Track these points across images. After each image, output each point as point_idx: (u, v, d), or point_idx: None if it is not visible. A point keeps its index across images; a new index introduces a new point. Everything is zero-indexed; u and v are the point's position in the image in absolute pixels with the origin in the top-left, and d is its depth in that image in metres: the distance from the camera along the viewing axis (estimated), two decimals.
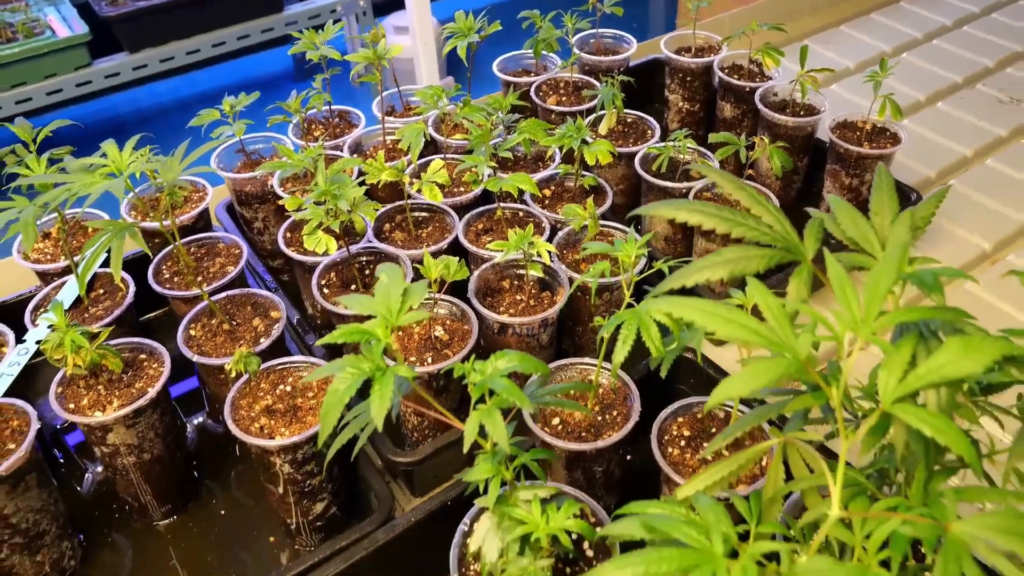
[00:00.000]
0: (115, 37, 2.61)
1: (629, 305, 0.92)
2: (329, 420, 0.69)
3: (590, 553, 0.85)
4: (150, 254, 1.08)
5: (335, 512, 1.08)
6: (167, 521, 1.14)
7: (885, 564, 0.56)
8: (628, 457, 1.11)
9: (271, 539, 1.11)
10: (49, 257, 1.26)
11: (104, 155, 0.98)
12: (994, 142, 1.81)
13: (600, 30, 1.73)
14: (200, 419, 1.26)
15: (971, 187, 1.68)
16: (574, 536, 0.78)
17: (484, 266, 1.18)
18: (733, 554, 0.55)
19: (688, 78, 1.70)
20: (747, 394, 0.56)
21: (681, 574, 0.52)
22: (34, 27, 2.51)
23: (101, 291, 1.21)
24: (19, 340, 1.11)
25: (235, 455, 1.22)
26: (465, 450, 0.71)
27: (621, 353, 0.82)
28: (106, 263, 0.97)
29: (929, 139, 1.82)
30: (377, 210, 1.15)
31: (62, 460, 1.19)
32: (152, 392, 1.02)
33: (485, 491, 0.74)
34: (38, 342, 1.09)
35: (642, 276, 1.02)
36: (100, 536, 1.13)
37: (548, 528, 0.72)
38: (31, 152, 1.13)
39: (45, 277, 1.25)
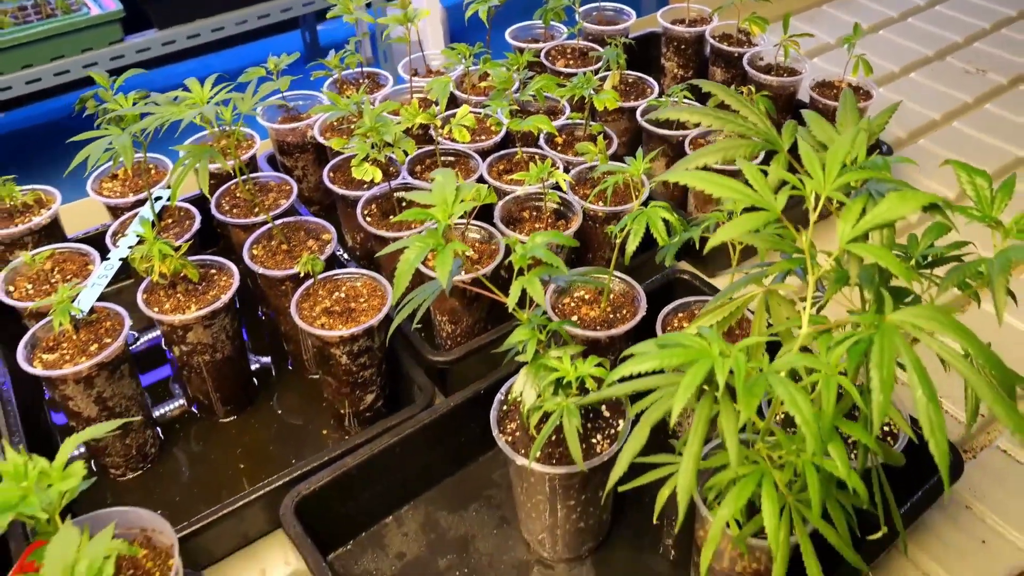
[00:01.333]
0: (146, 15, 2.78)
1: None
2: (402, 281, 0.87)
3: (607, 413, 1.02)
4: (209, 195, 1.23)
5: (381, 406, 1.25)
6: (230, 419, 1.31)
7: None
8: None
9: (323, 432, 1.28)
10: (118, 193, 1.42)
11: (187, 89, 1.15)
12: (961, 107, 2.00)
13: (602, 2, 1.90)
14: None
15: (939, 146, 1.86)
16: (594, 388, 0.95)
17: (507, 198, 1.35)
18: None
19: (682, 46, 1.87)
20: (740, 235, 0.73)
21: (687, 363, 0.70)
22: (71, 4, 2.69)
23: (170, 220, 1.37)
24: (103, 258, 1.27)
25: (287, 368, 1.39)
26: (510, 307, 0.88)
27: (632, 243, 1.00)
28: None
29: (902, 104, 2.00)
30: (409, 153, 1.32)
31: None
32: (225, 298, 1.19)
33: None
34: (123, 257, 1.25)
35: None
36: (172, 431, 1.29)
37: (576, 372, 0.89)
38: (112, 93, 1.29)
39: (115, 212, 1.41)
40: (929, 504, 1.05)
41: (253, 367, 1.37)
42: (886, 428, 1.05)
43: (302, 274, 1.15)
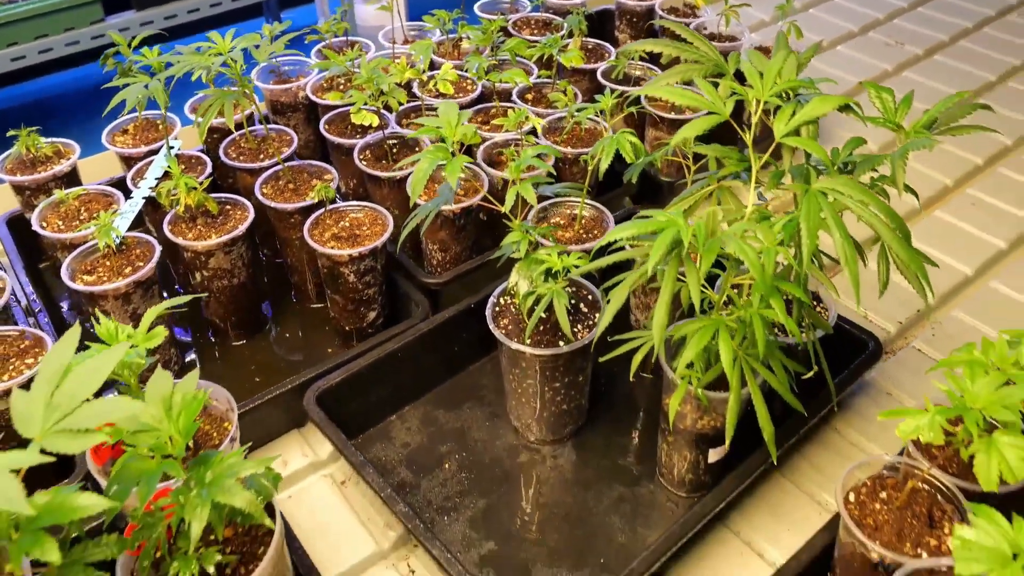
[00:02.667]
0: None
1: None
2: (418, 187, 1.04)
3: (586, 310, 1.20)
4: (234, 129, 1.39)
5: (381, 324, 1.41)
6: (241, 343, 1.46)
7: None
8: None
9: (329, 351, 1.44)
10: (131, 145, 1.56)
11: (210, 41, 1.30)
12: (881, 75, 2.22)
13: None
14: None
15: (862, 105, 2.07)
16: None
17: (486, 143, 1.52)
18: None
19: (634, 19, 2.06)
20: (701, 132, 0.92)
21: (658, 230, 0.88)
22: None
23: (183, 167, 1.51)
24: (127, 198, 1.42)
25: (292, 300, 1.54)
26: (507, 208, 1.06)
27: (605, 162, 1.18)
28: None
29: (829, 72, 2.21)
30: (401, 103, 1.48)
31: None
32: (243, 227, 1.34)
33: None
34: (147, 195, 1.39)
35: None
36: (190, 354, 1.44)
37: (563, 262, 1.07)
38: (131, 49, 1.43)
39: (129, 162, 1.55)
40: (855, 376, 1.25)
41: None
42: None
43: (316, 200, 1.31)
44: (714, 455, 1.12)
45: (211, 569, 0.80)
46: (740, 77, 0.99)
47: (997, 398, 0.80)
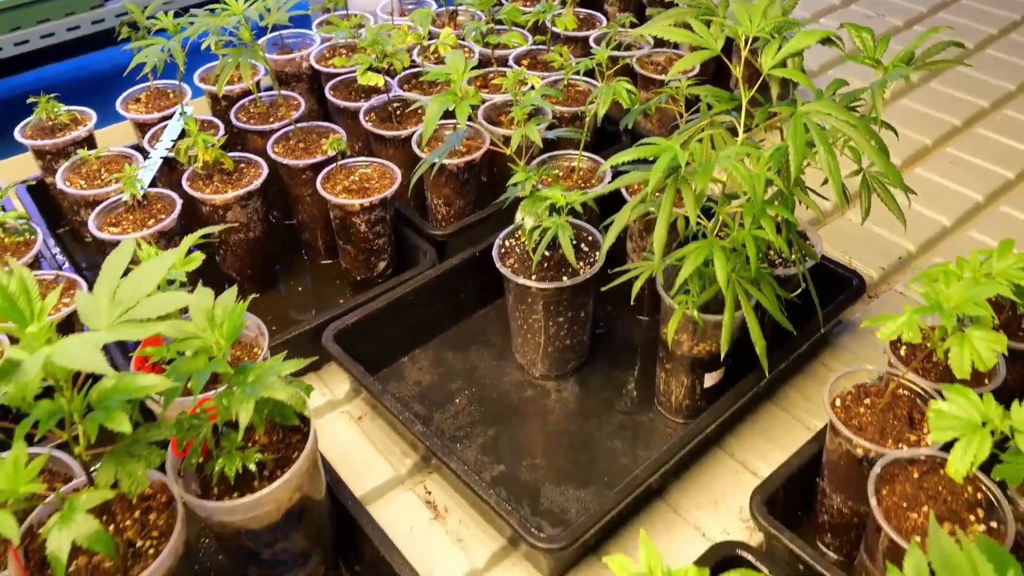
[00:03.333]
0: None
1: None
2: (429, 127, 1.11)
3: (587, 249, 1.27)
4: (253, 89, 1.45)
5: (390, 274, 1.48)
6: (256, 296, 1.52)
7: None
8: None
9: (340, 301, 1.51)
10: (144, 112, 1.63)
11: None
12: None
13: None
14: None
15: (847, 75, 2.16)
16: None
17: (486, 104, 1.59)
18: None
19: None
20: (691, 67, 0.99)
21: (656, 154, 0.95)
22: None
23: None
24: (145, 159, 1.48)
25: (303, 257, 1.61)
26: (512, 150, 1.13)
27: (602, 108, 1.25)
28: None
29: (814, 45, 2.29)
30: (405, 66, 1.56)
31: None
32: (257, 183, 1.41)
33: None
34: (164, 155, 1.46)
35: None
36: None
37: (566, 199, 1.14)
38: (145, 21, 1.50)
39: (142, 127, 1.62)
40: (841, 308, 1.33)
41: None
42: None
43: (328, 155, 1.38)
44: (710, 379, 1.20)
45: (252, 467, 0.87)
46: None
47: (969, 296, 0.88)
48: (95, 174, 1.47)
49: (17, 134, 1.54)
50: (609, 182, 1.34)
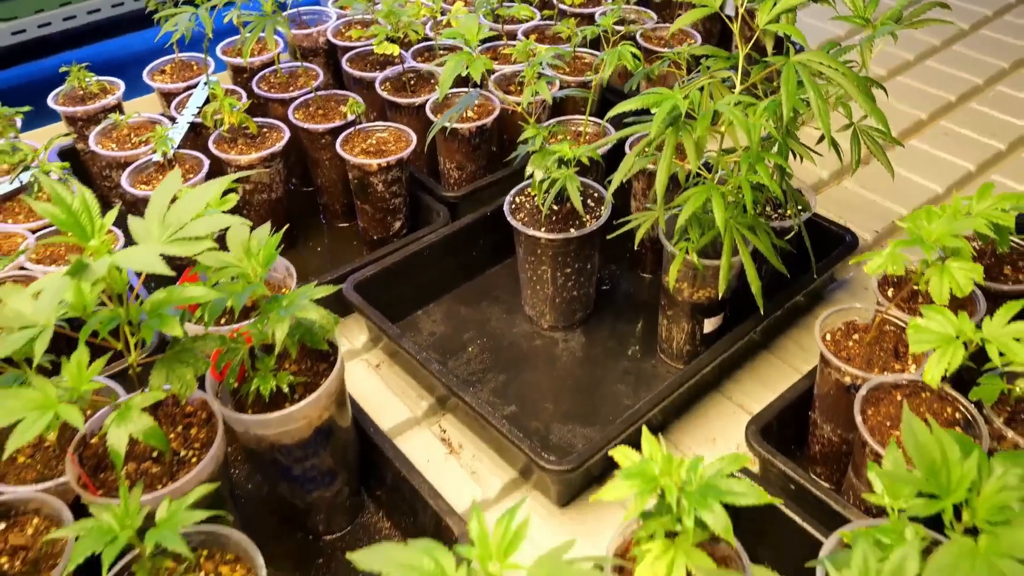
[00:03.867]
0: None
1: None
2: (446, 85, 1.18)
3: (592, 204, 1.35)
4: (277, 60, 1.53)
5: (405, 233, 1.55)
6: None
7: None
8: None
9: (357, 260, 1.58)
10: (170, 82, 1.70)
11: None
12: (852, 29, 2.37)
13: None
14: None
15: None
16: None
17: (497, 74, 1.67)
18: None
19: None
20: (692, 22, 1.06)
21: (659, 102, 1.02)
22: None
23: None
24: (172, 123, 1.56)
25: (320, 221, 1.69)
26: (523, 107, 1.20)
27: (607, 71, 1.32)
28: None
29: (801, 19, 2.36)
30: (419, 35, 1.63)
31: None
32: (279, 145, 1.49)
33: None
34: (191, 120, 1.53)
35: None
36: None
37: (573, 152, 1.22)
38: None
39: (168, 97, 1.69)
40: (835, 262, 1.40)
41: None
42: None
43: (350, 117, 1.46)
44: (709, 325, 1.27)
45: (285, 388, 0.95)
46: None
47: (948, 230, 0.95)
48: (125, 138, 1.54)
49: (50, 101, 1.62)
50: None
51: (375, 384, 1.34)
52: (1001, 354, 0.83)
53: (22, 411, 0.73)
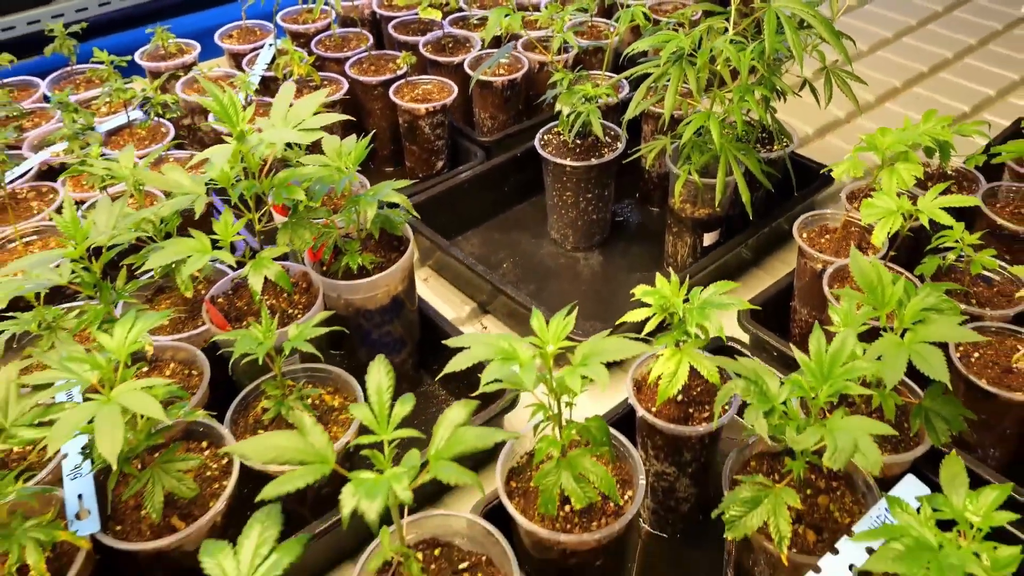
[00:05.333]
0: None
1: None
2: (491, 30, 1.42)
3: (609, 140, 1.59)
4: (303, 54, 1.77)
5: (447, 171, 1.80)
6: None
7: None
8: None
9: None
10: (238, 44, 1.95)
11: None
12: (844, 11, 2.62)
13: None
14: None
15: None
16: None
17: (523, 39, 1.91)
18: None
19: None
20: None
21: (665, 40, 1.27)
22: None
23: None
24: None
25: (370, 167, 1.93)
26: (552, 53, 1.45)
27: (623, 26, 1.56)
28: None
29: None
30: (455, 10, 1.87)
31: None
32: (341, 92, 1.73)
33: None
34: (263, 74, 1.78)
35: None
36: None
37: (596, 92, 1.46)
38: None
39: (236, 57, 1.94)
40: (815, 192, 1.64)
41: None
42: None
43: (402, 68, 1.71)
44: (709, 239, 1.51)
45: (368, 265, 1.19)
46: None
47: (898, 139, 1.19)
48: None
49: (136, 56, 1.87)
50: (628, 94, 1.65)
51: (425, 295, 1.58)
52: (932, 222, 1.07)
53: (189, 251, 0.98)
